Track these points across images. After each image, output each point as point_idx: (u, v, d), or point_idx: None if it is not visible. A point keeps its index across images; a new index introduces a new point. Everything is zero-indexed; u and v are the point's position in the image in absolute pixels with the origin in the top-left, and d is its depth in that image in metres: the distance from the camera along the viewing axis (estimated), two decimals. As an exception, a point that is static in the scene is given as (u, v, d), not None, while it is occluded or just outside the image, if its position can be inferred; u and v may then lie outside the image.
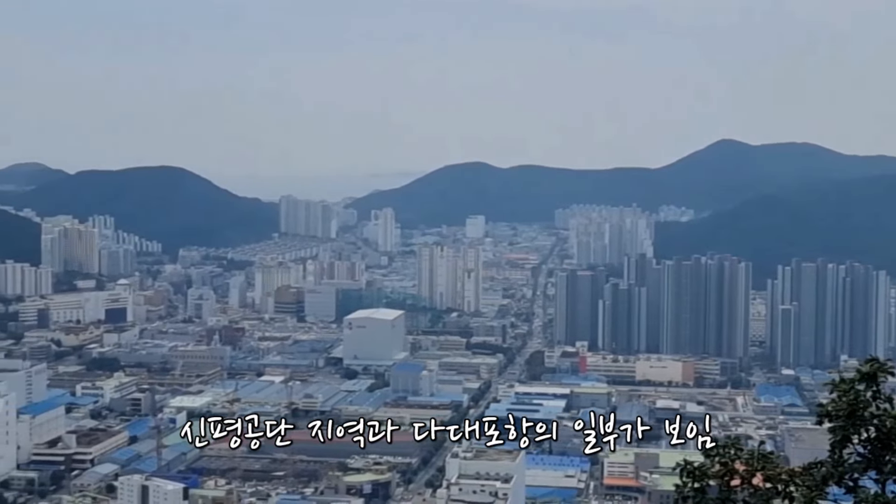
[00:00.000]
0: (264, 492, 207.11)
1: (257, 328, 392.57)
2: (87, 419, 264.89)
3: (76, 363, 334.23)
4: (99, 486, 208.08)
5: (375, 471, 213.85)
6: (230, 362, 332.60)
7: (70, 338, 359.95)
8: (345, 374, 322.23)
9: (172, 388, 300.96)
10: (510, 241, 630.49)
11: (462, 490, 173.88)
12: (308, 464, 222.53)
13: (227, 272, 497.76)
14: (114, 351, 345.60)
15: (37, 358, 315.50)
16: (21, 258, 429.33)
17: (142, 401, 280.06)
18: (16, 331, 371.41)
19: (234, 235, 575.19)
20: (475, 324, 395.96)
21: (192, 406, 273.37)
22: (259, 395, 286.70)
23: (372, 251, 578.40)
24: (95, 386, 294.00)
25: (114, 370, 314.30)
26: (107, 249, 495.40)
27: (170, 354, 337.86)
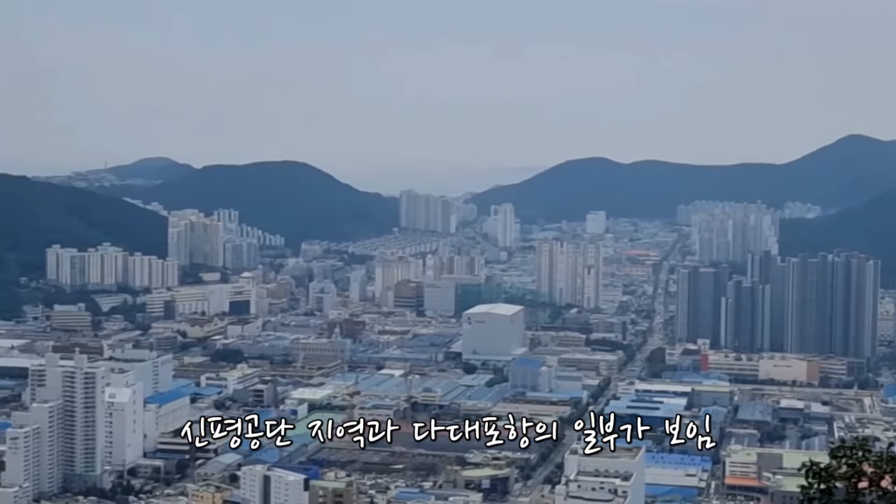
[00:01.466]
0: (383, 484, 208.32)
1: (377, 322, 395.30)
2: (211, 409, 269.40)
3: (201, 354, 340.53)
4: (222, 475, 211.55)
5: (494, 466, 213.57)
6: (350, 355, 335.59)
7: (195, 329, 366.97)
8: (464, 369, 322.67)
9: (294, 379, 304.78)
10: (631, 237, 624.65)
11: (581, 487, 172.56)
12: (427, 457, 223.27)
13: (347, 266, 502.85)
14: (237, 343, 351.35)
15: (163, 349, 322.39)
16: (149, 251, 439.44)
17: (264, 392, 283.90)
18: (143, 322, 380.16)
19: (355, 229, 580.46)
20: (595, 320, 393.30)
21: (313, 398, 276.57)
22: (379, 388, 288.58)
23: (491, 246, 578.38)
24: (219, 377, 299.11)
25: (237, 362, 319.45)
26: (231, 243, 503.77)
27: (291, 347, 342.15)
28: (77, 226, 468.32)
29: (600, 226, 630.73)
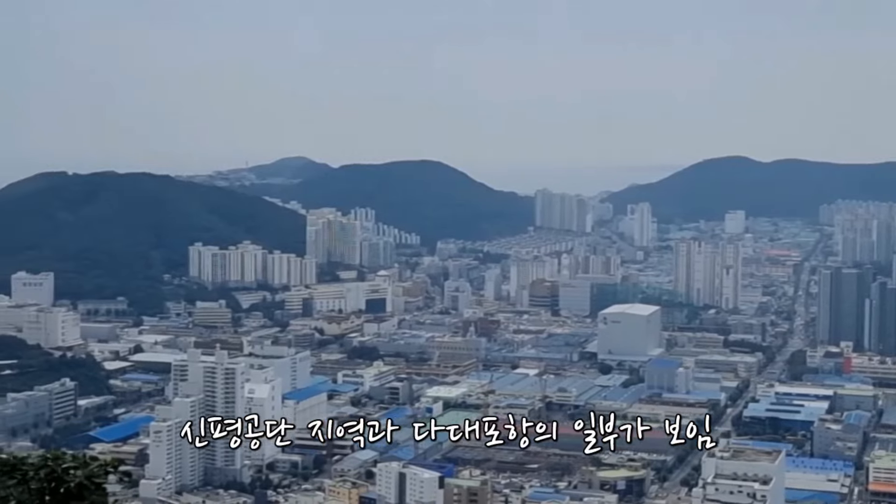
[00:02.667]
0: (518, 484, 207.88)
1: (512, 321, 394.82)
2: (348, 406, 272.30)
3: (338, 351, 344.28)
4: (358, 471, 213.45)
5: (629, 467, 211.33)
6: (485, 354, 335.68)
7: (332, 326, 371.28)
8: (599, 369, 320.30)
9: (429, 377, 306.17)
10: (771, 237, 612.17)
11: (718, 490, 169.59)
12: (561, 457, 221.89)
13: (482, 265, 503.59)
14: (373, 340, 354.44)
15: (301, 345, 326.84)
16: (287, 249, 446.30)
17: (399, 390, 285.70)
18: (282, 319, 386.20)
19: (490, 228, 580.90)
20: (733, 321, 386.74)
21: (448, 396, 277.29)
22: (513, 387, 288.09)
23: (627, 246, 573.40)
24: (356, 374, 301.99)
25: (373, 359, 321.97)
26: (368, 241, 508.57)
27: (427, 345, 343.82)
28: (218, 224, 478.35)
29: (739, 225, 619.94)
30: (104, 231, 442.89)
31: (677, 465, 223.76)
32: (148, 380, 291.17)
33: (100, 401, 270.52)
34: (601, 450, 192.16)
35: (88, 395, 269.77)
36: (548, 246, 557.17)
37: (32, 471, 15.22)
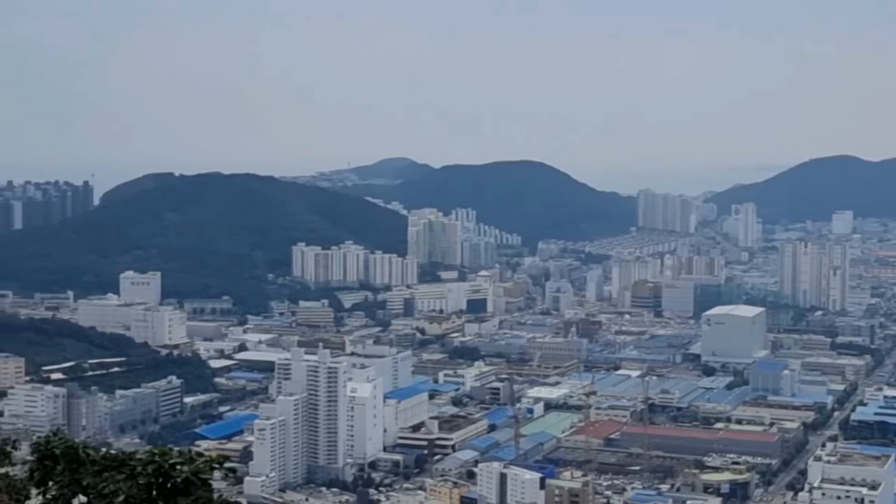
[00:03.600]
0: (620, 485, 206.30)
1: (614, 322, 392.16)
2: (449, 406, 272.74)
3: (439, 351, 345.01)
4: (459, 471, 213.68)
5: (734, 470, 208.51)
6: (587, 355, 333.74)
7: (433, 326, 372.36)
8: (702, 371, 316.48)
9: (530, 378, 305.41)
10: (880, 238, 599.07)
11: (825, 495, 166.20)
12: (664, 459, 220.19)
13: (584, 265, 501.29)
14: (474, 340, 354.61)
15: (402, 345, 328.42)
16: (389, 249, 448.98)
17: (500, 390, 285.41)
18: (384, 318, 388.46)
19: (592, 229, 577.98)
20: (841, 323, 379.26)
21: (549, 397, 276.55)
22: (615, 388, 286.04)
23: (732, 246, 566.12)
24: (457, 374, 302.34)
25: (474, 359, 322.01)
26: (469, 241, 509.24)
27: (528, 345, 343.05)
28: (321, 224, 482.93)
29: (847, 226, 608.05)
30: (210, 231, 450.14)
31: (783, 468, 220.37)
32: (252, 378, 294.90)
33: (205, 398, 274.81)
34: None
35: (194, 393, 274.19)
36: (650, 246, 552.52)
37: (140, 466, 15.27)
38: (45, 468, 15.91)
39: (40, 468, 15.94)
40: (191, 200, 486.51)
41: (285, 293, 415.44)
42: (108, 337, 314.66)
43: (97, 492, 15.36)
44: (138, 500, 15.15)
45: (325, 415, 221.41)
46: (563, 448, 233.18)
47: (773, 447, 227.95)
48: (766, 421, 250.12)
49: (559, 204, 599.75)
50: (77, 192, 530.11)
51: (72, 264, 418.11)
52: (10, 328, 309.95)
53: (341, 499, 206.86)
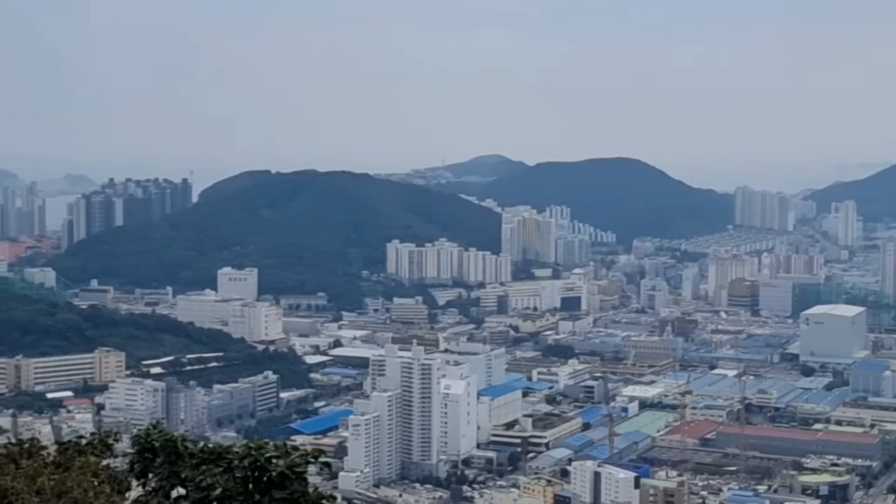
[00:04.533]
0: (716, 486, 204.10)
1: (710, 321, 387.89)
2: (542, 404, 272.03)
3: (532, 349, 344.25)
4: (553, 469, 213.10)
5: (833, 472, 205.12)
6: (682, 354, 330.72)
7: (527, 324, 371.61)
8: (801, 371, 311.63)
9: (625, 377, 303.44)
10: None
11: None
12: (761, 460, 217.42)
13: (679, 263, 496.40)
14: (568, 338, 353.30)
15: (496, 342, 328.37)
16: (483, 246, 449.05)
17: (595, 388, 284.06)
18: (477, 316, 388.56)
19: (688, 227, 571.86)
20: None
21: (643, 396, 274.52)
22: (711, 388, 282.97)
23: (831, 245, 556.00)
24: (550, 372, 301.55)
25: (568, 357, 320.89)
26: (563, 239, 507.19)
27: (622, 344, 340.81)
28: (415, 221, 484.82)
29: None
30: (306, 228, 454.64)
31: (884, 470, 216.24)
32: (347, 374, 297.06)
33: (301, 394, 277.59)
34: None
35: (290, 388, 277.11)
36: (747, 244, 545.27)
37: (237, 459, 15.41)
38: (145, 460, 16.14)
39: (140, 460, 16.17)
40: (287, 198, 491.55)
41: (380, 290, 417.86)
42: (205, 332, 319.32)
43: (195, 484, 15.54)
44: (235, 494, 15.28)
45: (419, 411, 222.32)
46: (658, 447, 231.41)
47: (874, 449, 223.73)
48: (866, 422, 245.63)
49: (655, 201, 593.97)
50: (176, 190, 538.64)
51: (171, 260, 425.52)
52: (112, 323, 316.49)
53: (435, 495, 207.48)
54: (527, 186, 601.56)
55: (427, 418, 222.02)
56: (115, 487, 16.06)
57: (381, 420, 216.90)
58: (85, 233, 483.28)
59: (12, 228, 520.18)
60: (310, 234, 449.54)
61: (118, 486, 16.20)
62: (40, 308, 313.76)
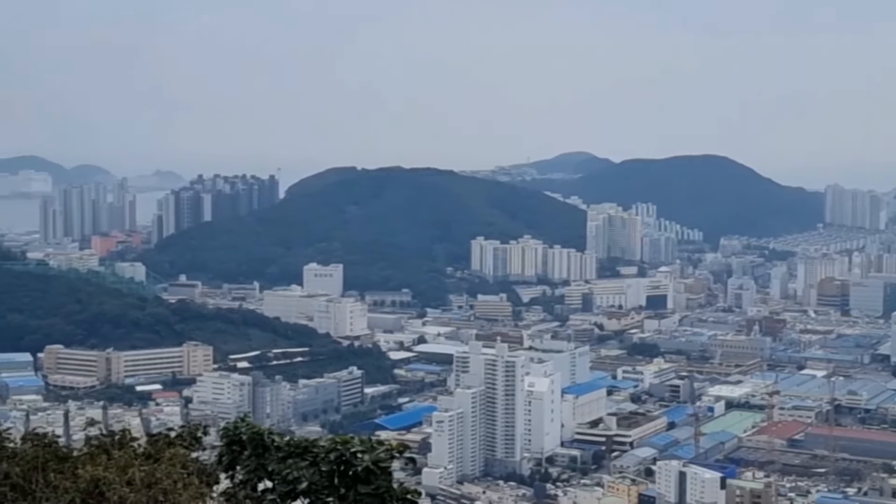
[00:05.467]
0: (804, 488, 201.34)
1: (799, 320, 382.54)
2: (627, 402, 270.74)
3: (617, 347, 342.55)
4: (638, 468, 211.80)
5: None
6: (770, 354, 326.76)
7: (612, 322, 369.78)
8: (892, 372, 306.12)
9: (711, 376, 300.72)
10: None
11: None
12: (850, 462, 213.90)
13: (768, 262, 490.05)
14: (654, 337, 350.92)
15: (580, 340, 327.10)
16: (568, 244, 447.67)
17: (680, 388, 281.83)
18: (562, 313, 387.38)
19: (777, 225, 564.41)
20: None
21: (730, 396, 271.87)
22: (799, 388, 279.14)
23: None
24: (635, 370, 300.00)
25: (653, 356, 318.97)
26: (649, 237, 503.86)
27: (709, 343, 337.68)
28: (500, 218, 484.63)
29: None
30: (391, 224, 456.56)
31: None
32: (431, 370, 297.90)
33: (385, 389, 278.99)
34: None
35: (374, 384, 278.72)
36: (838, 243, 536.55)
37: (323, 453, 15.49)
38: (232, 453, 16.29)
39: (228, 453, 16.33)
40: (372, 194, 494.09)
41: (464, 287, 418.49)
42: (291, 327, 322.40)
43: (281, 478, 15.65)
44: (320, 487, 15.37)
45: (503, 408, 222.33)
46: (745, 448, 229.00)
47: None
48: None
49: (742, 199, 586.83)
50: (263, 186, 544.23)
51: (258, 256, 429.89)
52: (200, 317, 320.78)
53: (518, 492, 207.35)
54: (613, 184, 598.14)
55: (511, 415, 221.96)
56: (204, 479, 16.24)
57: (464, 417, 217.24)
58: (174, 228, 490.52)
59: (104, 223, 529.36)
60: (395, 231, 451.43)
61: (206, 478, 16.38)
62: (130, 302, 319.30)
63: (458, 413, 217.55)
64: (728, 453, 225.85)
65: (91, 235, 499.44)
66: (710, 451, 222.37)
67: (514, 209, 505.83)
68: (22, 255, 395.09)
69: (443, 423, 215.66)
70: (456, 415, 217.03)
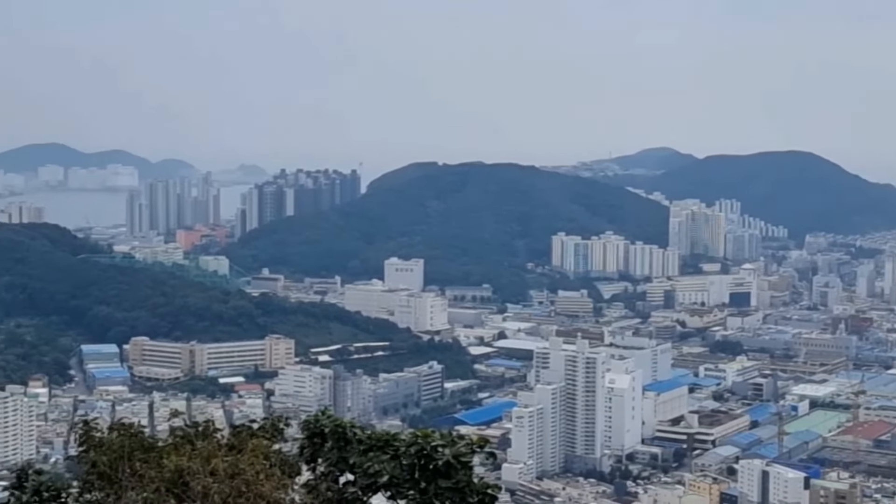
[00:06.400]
0: (890, 489, 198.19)
1: (885, 319, 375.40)
2: (709, 400, 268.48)
3: (699, 345, 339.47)
4: (720, 467, 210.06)
5: None
6: (856, 353, 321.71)
7: (694, 319, 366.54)
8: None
9: (795, 375, 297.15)
10: None
11: None
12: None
13: (854, 260, 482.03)
14: (736, 335, 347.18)
15: (662, 337, 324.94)
16: (650, 240, 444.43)
17: (763, 386, 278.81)
18: (643, 310, 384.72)
19: (864, 222, 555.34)
20: None
21: (814, 395, 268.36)
22: (886, 388, 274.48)
23: None
24: (718, 368, 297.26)
25: (736, 354, 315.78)
26: (732, 234, 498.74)
27: (793, 341, 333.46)
28: (581, 214, 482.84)
29: None
30: (471, 219, 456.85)
31: None
32: (511, 366, 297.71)
33: (465, 384, 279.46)
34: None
35: (454, 379, 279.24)
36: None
37: (403, 447, 15.55)
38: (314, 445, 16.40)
39: (310, 445, 16.44)
40: (453, 189, 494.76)
41: (544, 282, 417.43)
42: (372, 321, 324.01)
43: (363, 470, 15.72)
44: (401, 481, 15.42)
45: (583, 405, 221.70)
46: (830, 448, 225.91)
47: None
48: None
49: (829, 196, 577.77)
50: (345, 181, 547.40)
51: (339, 250, 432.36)
52: (282, 311, 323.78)
53: (598, 489, 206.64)
54: (696, 180, 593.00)
55: (591, 412, 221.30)
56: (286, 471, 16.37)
57: (544, 412, 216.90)
58: (257, 222, 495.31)
59: (188, 217, 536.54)
60: (475, 226, 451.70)
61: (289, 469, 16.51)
62: (214, 295, 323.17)
63: (538, 409, 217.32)
64: (812, 453, 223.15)
65: (176, 229, 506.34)
66: (793, 451, 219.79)
67: (595, 205, 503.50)
68: (109, 248, 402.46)
69: (523, 419, 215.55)
70: (536, 411, 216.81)
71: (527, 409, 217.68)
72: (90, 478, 16.08)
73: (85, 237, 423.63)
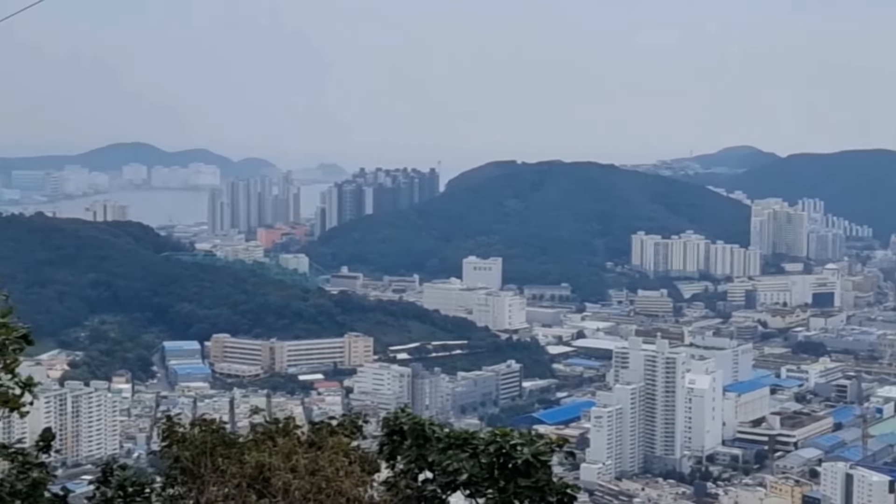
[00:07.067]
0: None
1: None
2: (791, 402, 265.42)
3: (781, 345, 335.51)
4: (802, 469, 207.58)
5: None
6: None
7: (776, 320, 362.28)
8: None
9: (879, 377, 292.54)
10: None
11: None
12: None
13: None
14: (819, 335, 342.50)
15: (743, 337, 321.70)
16: (731, 239, 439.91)
17: (847, 388, 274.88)
18: (724, 310, 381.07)
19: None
20: None
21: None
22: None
23: None
24: (800, 369, 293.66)
25: (819, 355, 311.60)
26: (815, 233, 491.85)
27: (878, 342, 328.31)
28: (661, 213, 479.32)
29: None
30: (550, 218, 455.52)
31: None
32: (589, 365, 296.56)
33: (543, 383, 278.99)
34: None
35: (532, 378, 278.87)
36: None
37: (482, 445, 15.48)
38: (393, 443, 16.40)
39: (389, 443, 16.45)
40: (532, 188, 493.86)
41: (624, 282, 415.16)
42: (450, 320, 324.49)
43: (442, 468, 15.69)
44: (480, 479, 15.37)
45: (663, 405, 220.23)
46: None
47: None
48: None
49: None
50: (424, 180, 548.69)
51: (418, 249, 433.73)
52: (361, 309, 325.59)
53: (678, 490, 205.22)
54: (778, 178, 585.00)
55: (671, 412, 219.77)
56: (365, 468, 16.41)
57: (623, 413, 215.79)
58: (336, 220, 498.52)
59: (269, 215, 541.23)
60: (554, 225, 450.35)
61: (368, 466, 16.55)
62: (294, 293, 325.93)
63: (617, 409, 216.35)
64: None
65: (256, 227, 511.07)
66: (878, 454, 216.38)
67: (675, 204, 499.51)
68: (191, 246, 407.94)
69: (601, 419, 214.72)
70: (615, 410, 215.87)
71: (606, 409, 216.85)
72: (173, 473, 16.25)
73: (168, 235, 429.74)
